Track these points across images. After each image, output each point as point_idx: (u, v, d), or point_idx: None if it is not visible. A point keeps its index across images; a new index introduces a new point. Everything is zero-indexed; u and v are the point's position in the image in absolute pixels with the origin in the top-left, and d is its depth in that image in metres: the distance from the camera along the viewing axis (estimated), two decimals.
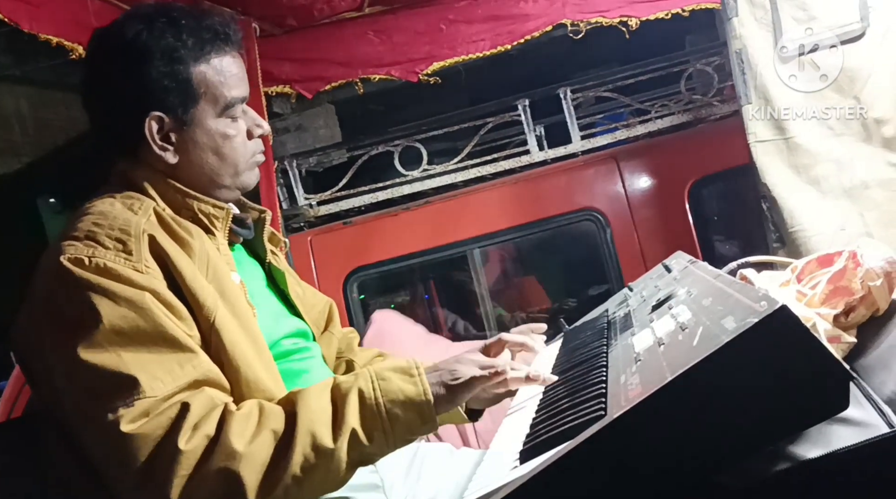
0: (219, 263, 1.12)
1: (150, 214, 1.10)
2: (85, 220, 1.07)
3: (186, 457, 0.93)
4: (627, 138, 2.98)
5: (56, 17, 1.75)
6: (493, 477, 0.89)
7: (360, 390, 1.01)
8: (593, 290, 3.14)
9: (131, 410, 0.94)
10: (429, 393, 1.01)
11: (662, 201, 2.79)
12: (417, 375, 1.03)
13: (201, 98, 1.15)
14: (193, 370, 1.00)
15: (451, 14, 2.62)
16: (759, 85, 1.90)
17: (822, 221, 1.82)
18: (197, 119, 1.15)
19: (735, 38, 1.91)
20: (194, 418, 0.95)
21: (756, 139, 1.89)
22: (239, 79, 1.18)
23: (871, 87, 1.81)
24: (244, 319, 1.10)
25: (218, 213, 1.18)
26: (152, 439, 0.94)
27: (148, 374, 0.96)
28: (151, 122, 1.13)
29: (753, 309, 0.78)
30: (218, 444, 0.94)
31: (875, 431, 0.80)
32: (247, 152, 1.21)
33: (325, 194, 3.13)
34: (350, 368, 1.43)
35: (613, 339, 1.20)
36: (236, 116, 1.18)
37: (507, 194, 2.97)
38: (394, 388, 1.01)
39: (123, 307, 0.99)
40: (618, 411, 0.79)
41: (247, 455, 0.94)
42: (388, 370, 1.04)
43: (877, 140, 1.81)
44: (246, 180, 1.22)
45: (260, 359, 1.09)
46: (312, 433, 0.97)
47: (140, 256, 1.03)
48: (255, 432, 0.97)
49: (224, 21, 1.18)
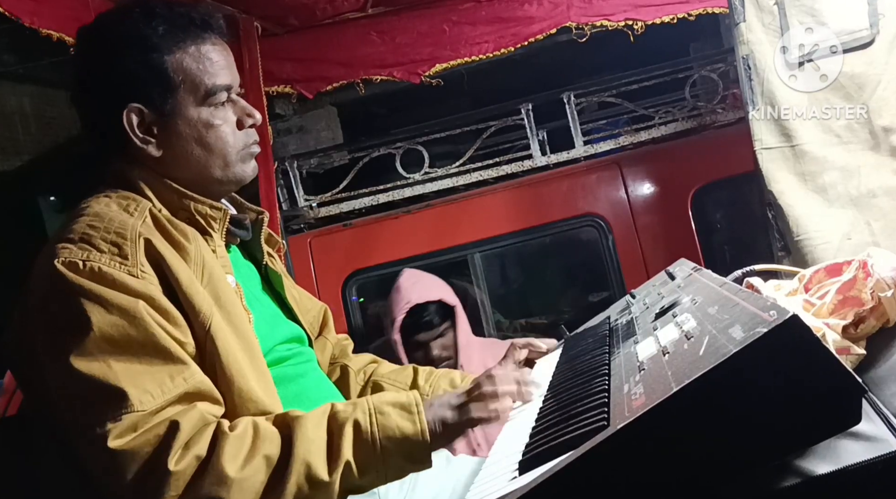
0: (215, 267, 1.10)
1: (145, 215, 1.08)
2: (80, 221, 1.05)
3: (176, 478, 0.92)
4: (631, 144, 2.96)
5: (57, 12, 1.75)
6: (490, 487, 0.87)
7: (357, 423, 1.00)
8: (594, 296, 3.12)
9: (119, 424, 0.92)
10: (426, 433, 1.00)
11: (665, 208, 2.77)
12: (416, 413, 1.01)
13: (179, 87, 1.12)
14: (184, 383, 0.98)
15: (454, 16, 2.61)
16: (765, 91, 1.88)
17: (828, 229, 1.80)
18: (177, 109, 1.12)
19: (742, 43, 1.89)
20: (185, 437, 0.93)
21: (762, 146, 1.87)
22: (221, 66, 1.14)
23: (880, 94, 1.79)
24: (240, 326, 1.08)
25: (215, 214, 1.15)
26: (140, 456, 0.92)
27: (137, 386, 0.95)
28: (130, 115, 1.11)
29: (762, 318, 0.76)
30: (209, 466, 0.93)
31: (886, 446, 0.78)
32: (237, 142, 1.16)
33: (326, 196, 3.12)
34: (344, 374, 1.42)
35: (616, 347, 1.18)
36: (220, 104, 1.14)
37: (508, 199, 2.96)
38: (391, 424, 1.00)
39: (115, 315, 0.97)
40: (621, 421, 0.76)
41: (238, 481, 0.93)
42: (387, 405, 1.02)
43: (884, 149, 1.79)
44: (239, 173, 1.18)
45: (254, 368, 1.07)
46: (308, 464, 0.96)
47: (136, 260, 1.01)
48: (248, 455, 0.95)
49: (203, 10, 1.15)
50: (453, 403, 1.06)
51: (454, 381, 1.43)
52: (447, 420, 1.03)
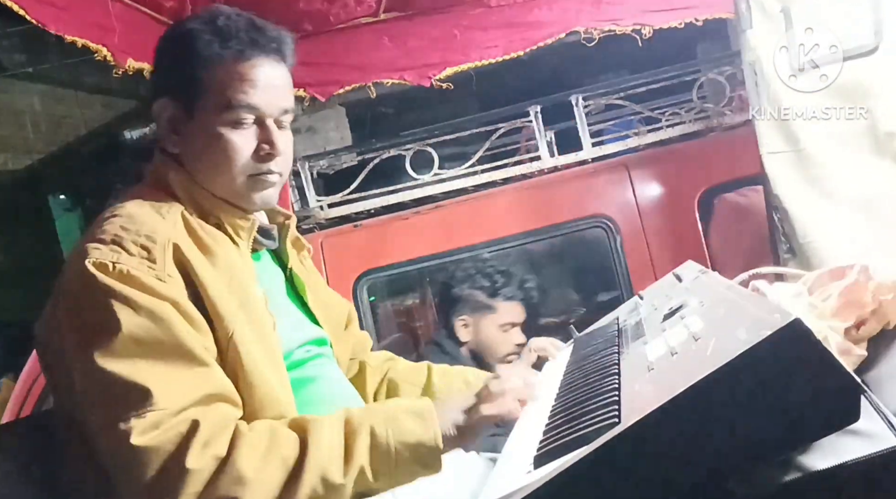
0: (242, 273, 1.13)
1: (177, 219, 1.11)
2: (113, 222, 1.09)
3: (194, 477, 0.94)
4: (638, 146, 2.99)
5: (81, 19, 1.79)
6: (507, 481, 0.91)
7: (373, 429, 1.03)
8: (602, 296, 3.15)
9: (142, 421, 0.95)
10: (439, 439, 1.04)
11: (672, 210, 2.79)
12: (430, 419, 1.04)
13: (204, 94, 1.15)
14: (207, 385, 1.01)
15: (465, 21, 2.64)
16: (771, 96, 1.90)
17: (833, 233, 1.82)
18: (199, 116, 1.16)
19: (749, 49, 1.91)
20: (205, 436, 0.96)
21: (768, 151, 1.90)
22: (254, 86, 1.14)
23: (884, 101, 1.81)
24: (263, 332, 1.11)
25: (244, 224, 1.17)
26: (161, 453, 0.95)
27: (162, 386, 0.97)
28: (162, 107, 1.18)
29: (767, 321, 0.80)
30: (227, 466, 0.95)
31: (884, 443, 0.82)
32: (244, 167, 1.15)
33: (337, 197, 3.15)
34: (362, 370, 1.46)
35: (625, 347, 1.21)
36: (242, 124, 1.15)
37: (517, 200, 2.98)
38: (405, 430, 1.03)
39: (143, 317, 1.00)
40: (631, 418, 0.80)
41: (255, 482, 0.95)
42: (402, 411, 1.06)
43: (888, 154, 1.82)
44: (245, 196, 1.17)
45: (275, 373, 1.10)
46: (323, 468, 0.98)
47: (163, 264, 1.04)
48: (265, 457, 0.97)
49: (267, 33, 1.18)
50: (464, 405, 1.09)
51: (467, 379, 1.46)
52: (459, 423, 1.07)
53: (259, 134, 1.16)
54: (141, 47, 1.96)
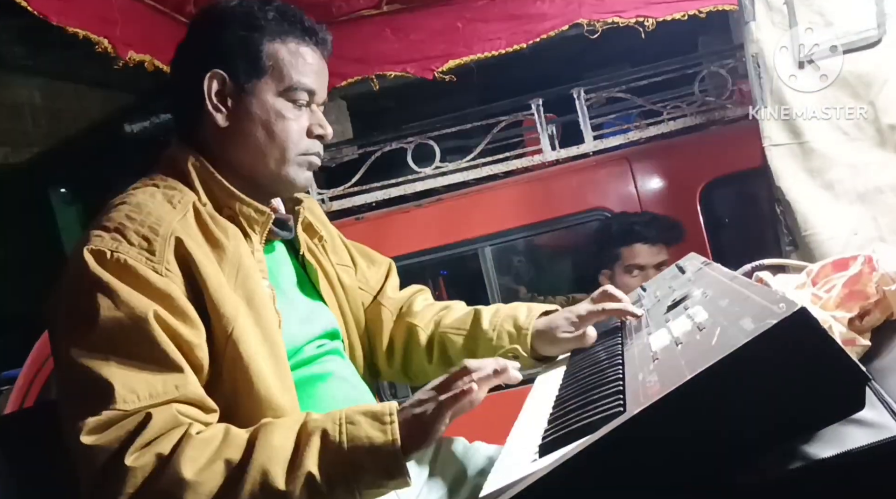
0: (250, 268, 1.11)
1: (188, 209, 1.10)
2: (120, 209, 1.08)
3: (133, 475, 0.92)
4: (640, 139, 2.99)
5: (83, 11, 1.79)
6: (512, 470, 0.91)
7: (325, 432, 0.95)
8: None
9: (96, 419, 0.94)
10: (398, 441, 0.94)
11: (674, 203, 2.79)
12: (389, 422, 0.96)
13: (267, 72, 1.16)
14: (175, 390, 0.98)
15: (467, 13, 2.64)
16: (774, 89, 1.90)
17: (835, 225, 1.83)
18: (257, 90, 1.16)
19: (752, 42, 1.91)
20: (150, 435, 0.94)
21: (771, 143, 1.90)
22: (312, 70, 1.18)
23: (886, 93, 1.81)
24: (267, 330, 1.09)
25: (258, 217, 1.17)
26: (107, 452, 0.93)
27: (126, 385, 0.95)
28: (213, 79, 1.16)
29: (772, 311, 0.80)
30: (167, 466, 0.92)
31: (888, 432, 0.82)
32: (300, 143, 1.19)
33: (338, 190, 3.15)
34: (411, 335, 1.40)
35: (629, 338, 1.22)
36: (299, 103, 1.17)
37: (518, 193, 2.98)
38: (361, 434, 0.95)
39: (122, 312, 0.98)
40: (636, 407, 0.80)
41: (193, 485, 0.92)
42: (359, 414, 0.97)
43: (891, 146, 1.82)
44: (292, 174, 1.20)
45: (276, 373, 1.08)
46: (265, 471, 0.92)
47: (163, 257, 1.03)
48: (209, 459, 0.93)
49: (314, 21, 1.21)
50: (423, 398, 1.00)
51: (518, 320, 1.34)
52: (422, 418, 0.97)
53: (310, 116, 1.20)
54: (142, 39, 1.96)
